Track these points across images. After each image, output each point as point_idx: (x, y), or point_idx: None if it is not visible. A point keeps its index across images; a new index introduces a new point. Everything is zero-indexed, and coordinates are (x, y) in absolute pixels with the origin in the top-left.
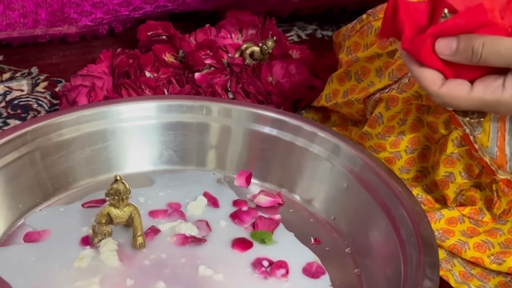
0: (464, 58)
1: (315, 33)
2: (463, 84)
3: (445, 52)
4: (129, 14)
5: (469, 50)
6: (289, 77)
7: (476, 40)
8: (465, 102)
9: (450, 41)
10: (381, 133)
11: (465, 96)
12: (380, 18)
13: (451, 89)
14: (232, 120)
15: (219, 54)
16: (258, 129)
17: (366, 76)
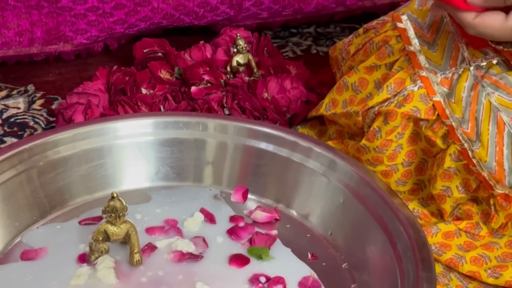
0: (496, 1)
1: (310, 48)
2: (498, 13)
3: (477, 1)
4: (124, 32)
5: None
6: (284, 92)
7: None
8: (500, 31)
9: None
10: (379, 147)
11: (499, 25)
12: (382, 34)
13: (486, 18)
14: (229, 136)
15: (218, 73)
16: (254, 144)
17: (365, 88)
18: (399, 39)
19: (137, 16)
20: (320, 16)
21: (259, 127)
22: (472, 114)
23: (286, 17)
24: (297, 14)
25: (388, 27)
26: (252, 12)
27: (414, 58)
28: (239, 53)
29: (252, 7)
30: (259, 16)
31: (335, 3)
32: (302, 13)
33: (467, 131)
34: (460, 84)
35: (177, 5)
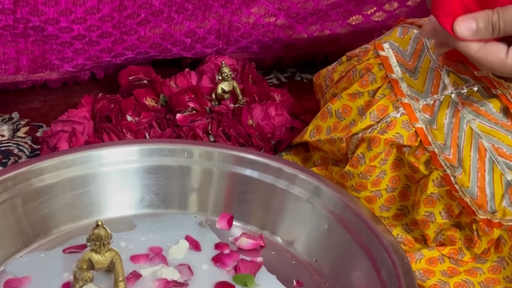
0: (486, 34)
1: (294, 75)
2: (499, 49)
3: (466, 33)
4: (111, 60)
5: (489, 26)
6: (269, 119)
7: (493, 15)
8: (500, 67)
9: (468, 22)
10: (363, 173)
11: (499, 63)
12: (364, 61)
13: (487, 54)
14: (213, 163)
15: (203, 100)
16: (239, 171)
17: (348, 114)
18: (381, 67)
19: (123, 44)
20: (314, 54)
21: (244, 154)
22: (454, 140)
23: (277, 53)
24: (289, 50)
25: (371, 55)
26: (242, 45)
27: (396, 85)
28: (224, 80)
29: (241, 39)
30: (250, 50)
31: (329, 40)
32: (293, 49)
33: (449, 157)
34: (441, 111)
35: (164, 34)
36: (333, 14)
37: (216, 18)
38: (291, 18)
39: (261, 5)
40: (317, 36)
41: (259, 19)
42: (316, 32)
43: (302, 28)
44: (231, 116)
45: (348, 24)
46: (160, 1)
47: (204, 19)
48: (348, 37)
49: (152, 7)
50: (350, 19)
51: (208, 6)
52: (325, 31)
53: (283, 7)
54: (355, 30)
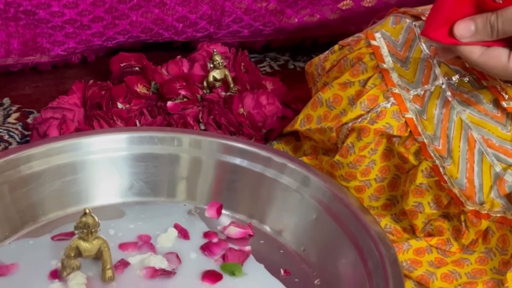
0: (485, 35)
1: (287, 64)
2: (501, 54)
3: (465, 34)
4: (102, 44)
5: (488, 27)
6: (260, 108)
7: (491, 16)
8: (503, 72)
9: (467, 23)
10: (352, 163)
11: (502, 67)
12: (356, 51)
13: (489, 59)
14: (203, 151)
15: (194, 88)
16: (228, 160)
17: (339, 104)
18: (373, 56)
19: (115, 29)
20: (303, 38)
21: (233, 142)
22: (444, 131)
23: (267, 36)
24: (279, 34)
25: (362, 45)
26: (233, 30)
27: (387, 75)
28: (215, 68)
29: (232, 24)
30: (240, 34)
31: (318, 25)
32: (284, 33)
33: (439, 148)
34: (432, 102)
35: (156, 19)
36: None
37: (209, 3)
38: (282, 2)
39: None
40: (307, 21)
41: (251, 4)
42: (306, 17)
43: (293, 13)
44: (222, 105)
45: (339, 9)
46: None
47: (196, 4)
48: (338, 22)
49: None
50: (341, 4)
51: None
52: (315, 15)
53: None
54: (345, 15)
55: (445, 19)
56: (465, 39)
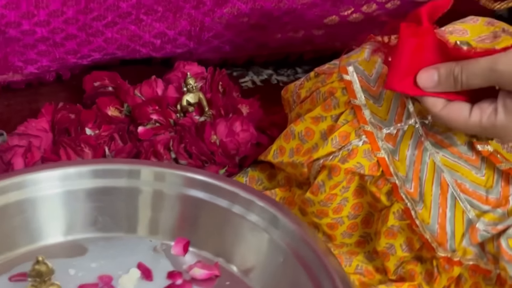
0: (448, 86)
1: (270, 78)
2: (463, 108)
3: (428, 85)
4: (77, 61)
5: (451, 78)
6: (233, 136)
7: (455, 67)
8: (464, 126)
9: (430, 73)
10: (324, 201)
11: (463, 121)
12: (328, 84)
13: (450, 112)
14: (165, 184)
15: (167, 112)
16: (192, 194)
17: (311, 138)
18: (345, 91)
19: (89, 46)
20: (288, 53)
21: (197, 175)
22: (416, 173)
23: (250, 52)
24: (262, 49)
25: (335, 78)
26: (214, 45)
27: (359, 112)
28: (189, 92)
29: (213, 39)
30: (222, 50)
31: (302, 40)
32: (267, 49)
33: (410, 191)
34: (404, 142)
35: (132, 35)
36: (309, 14)
37: (188, 19)
38: (264, 17)
39: (233, 6)
40: (291, 36)
41: (231, 19)
42: (290, 32)
43: (276, 28)
44: (194, 132)
45: (324, 25)
46: (128, 4)
47: (174, 20)
48: (323, 37)
49: (120, 10)
50: (326, 19)
51: (179, 7)
52: (300, 31)
53: (256, 6)
54: (330, 31)
55: (409, 68)
56: (428, 90)
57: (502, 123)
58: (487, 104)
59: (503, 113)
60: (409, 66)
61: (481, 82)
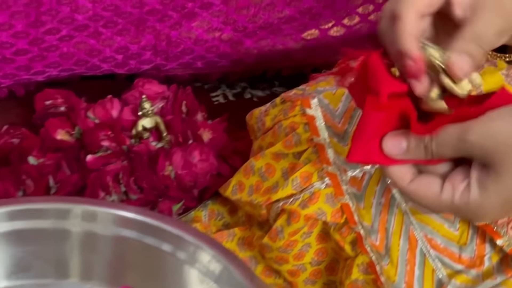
0: (418, 155)
1: (244, 92)
2: (433, 183)
3: (395, 152)
4: (30, 78)
5: (421, 146)
6: (190, 167)
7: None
8: (435, 204)
9: (398, 140)
10: (283, 247)
11: (433, 199)
12: (290, 118)
13: (420, 187)
14: (96, 225)
15: (122, 137)
16: (130, 236)
17: (271, 175)
18: (307, 127)
19: (43, 62)
20: (264, 70)
21: (136, 215)
22: (382, 224)
23: (224, 68)
24: (237, 66)
25: (297, 111)
26: (184, 62)
27: (322, 151)
28: (144, 116)
29: (182, 55)
30: (193, 66)
31: (281, 56)
32: (242, 65)
33: (376, 243)
34: (371, 187)
35: (91, 50)
36: (286, 28)
37: (152, 33)
38: (238, 32)
39: (203, 19)
40: (268, 52)
41: (201, 34)
42: (267, 47)
43: (252, 43)
44: (147, 162)
45: (303, 39)
46: (84, 16)
47: (137, 34)
48: (302, 52)
49: (75, 22)
50: (305, 33)
51: (142, 20)
52: (277, 46)
53: (229, 20)
54: (310, 46)
55: (374, 134)
56: (395, 158)
57: (476, 201)
58: (460, 179)
59: (477, 190)
60: (374, 134)
61: (452, 153)
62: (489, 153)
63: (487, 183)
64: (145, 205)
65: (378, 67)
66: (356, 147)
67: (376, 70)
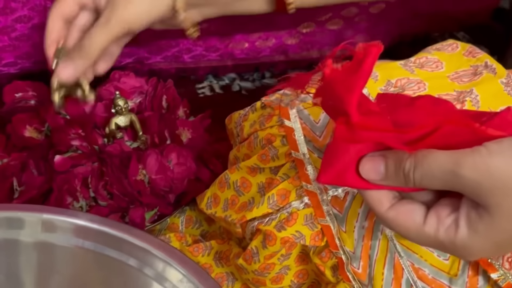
0: (397, 182)
1: (232, 84)
2: (415, 212)
3: (373, 177)
4: (1, 70)
5: (401, 174)
6: (165, 172)
7: (406, 161)
8: (415, 236)
9: (377, 163)
10: (259, 271)
11: (415, 230)
12: (267, 128)
13: (399, 215)
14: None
15: (93, 136)
16: (91, 248)
17: (247, 190)
18: (285, 140)
19: (15, 52)
20: (256, 65)
21: (97, 225)
22: (365, 250)
23: (212, 63)
24: (226, 60)
25: (275, 122)
26: (169, 55)
27: (301, 167)
28: (118, 114)
29: (167, 48)
30: (180, 60)
31: (275, 51)
32: (232, 59)
33: (358, 271)
34: (353, 209)
35: None
36: (281, 20)
37: None
38: (227, 24)
39: None
40: (260, 45)
41: None
42: (258, 41)
43: (242, 36)
44: (117, 166)
45: (298, 32)
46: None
47: None
48: (297, 47)
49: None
50: (301, 26)
51: None
52: (270, 39)
53: None
54: (306, 40)
55: (347, 160)
56: (373, 182)
57: (463, 241)
58: (447, 212)
59: (465, 229)
60: (348, 160)
61: (438, 186)
62: (484, 192)
63: (478, 225)
64: (116, 212)
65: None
66: (327, 167)
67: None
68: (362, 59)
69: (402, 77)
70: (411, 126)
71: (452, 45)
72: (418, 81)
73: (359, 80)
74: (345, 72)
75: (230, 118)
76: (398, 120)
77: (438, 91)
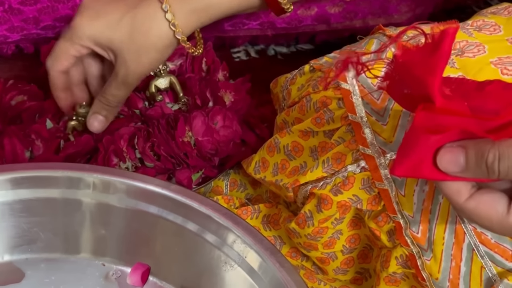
0: (479, 174)
1: (267, 48)
2: (498, 201)
3: (452, 169)
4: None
5: (483, 166)
6: (212, 134)
7: (489, 152)
8: (498, 226)
9: (455, 156)
10: (311, 235)
11: (497, 219)
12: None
13: (480, 205)
14: (114, 197)
15: (133, 99)
16: (150, 210)
17: (299, 154)
18: (341, 103)
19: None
20: (297, 34)
21: (158, 188)
22: (425, 215)
23: (252, 32)
24: (267, 29)
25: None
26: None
27: (358, 130)
28: (157, 76)
29: None
30: (219, 28)
31: (316, 20)
32: (273, 29)
33: (417, 236)
34: None
35: None
36: None
37: None
38: None
39: None
40: (301, 15)
41: None
42: (300, 9)
43: None
44: (165, 128)
45: (342, 1)
46: None
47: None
48: (340, 16)
49: None
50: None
51: None
52: (313, 8)
53: None
54: (349, 9)
55: (425, 148)
56: (452, 174)
57: None
58: None
59: None
60: (425, 151)
61: None
62: None
63: None
64: (162, 173)
65: (416, 62)
66: (403, 159)
67: (414, 65)
68: (440, 39)
69: (461, 39)
70: (486, 112)
71: (508, 8)
72: (477, 43)
73: (440, 62)
74: (420, 54)
75: (276, 82)
76: (471, 106)
77: (498, 53)
